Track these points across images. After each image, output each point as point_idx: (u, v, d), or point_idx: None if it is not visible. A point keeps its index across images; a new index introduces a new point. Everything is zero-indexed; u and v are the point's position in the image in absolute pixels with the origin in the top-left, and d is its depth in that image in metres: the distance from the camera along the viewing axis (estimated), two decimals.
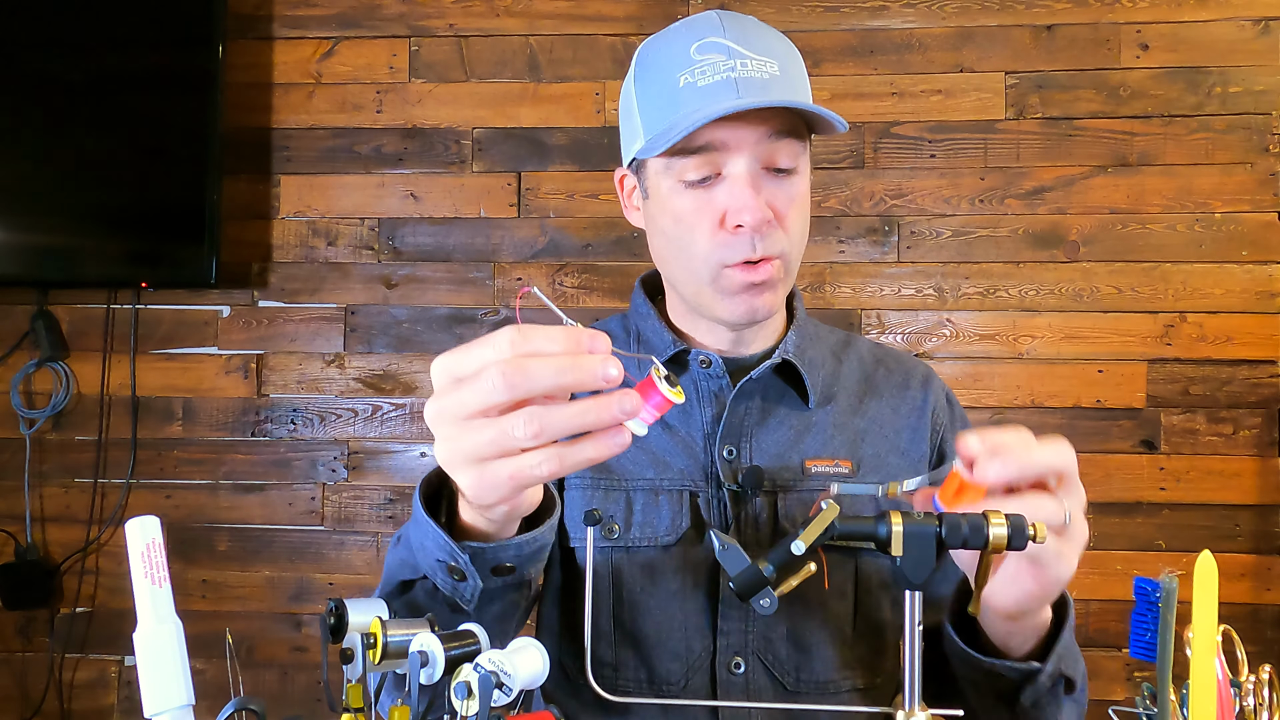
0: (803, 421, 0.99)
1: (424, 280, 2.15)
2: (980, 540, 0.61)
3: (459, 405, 0.58)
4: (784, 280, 0.94)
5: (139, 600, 0.57)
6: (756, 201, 0.88)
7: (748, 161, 0.89)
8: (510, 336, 0.57)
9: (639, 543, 0.96)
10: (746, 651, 0.94)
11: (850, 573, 0.96)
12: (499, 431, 0.57)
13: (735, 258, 0.90)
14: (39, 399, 2.17)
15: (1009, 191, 2.06)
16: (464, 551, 0.71)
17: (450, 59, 2.15)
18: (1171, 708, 0.58)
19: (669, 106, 0.88)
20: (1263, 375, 2.01)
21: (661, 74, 0.91)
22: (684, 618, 0.94)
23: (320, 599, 2.12)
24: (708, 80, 0.87)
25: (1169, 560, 1.99)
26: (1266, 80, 2.02)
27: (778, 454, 0.98)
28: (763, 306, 0.93)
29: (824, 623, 0.95)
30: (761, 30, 0.92)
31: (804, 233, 0.95)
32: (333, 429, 2.15)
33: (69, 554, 2.16)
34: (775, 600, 0.65)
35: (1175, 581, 0.59)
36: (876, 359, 1.08)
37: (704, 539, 0.95)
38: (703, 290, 0.94)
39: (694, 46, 0.89)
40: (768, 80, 0.88)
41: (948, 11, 2.08)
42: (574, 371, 0.56)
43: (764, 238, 0.89)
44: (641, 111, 0.93)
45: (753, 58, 0.88)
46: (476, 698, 0.57)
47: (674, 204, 0.92)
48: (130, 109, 2.08)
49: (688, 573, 0.95)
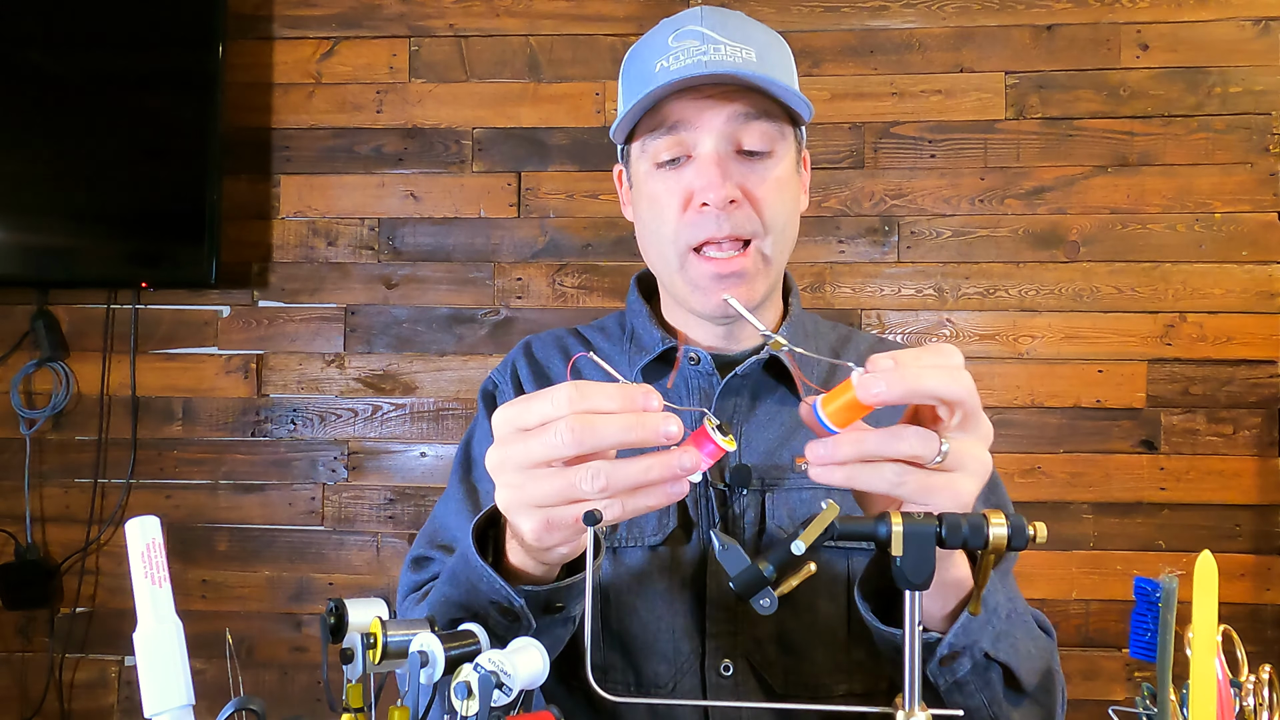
0: (794, 418, 0.98)
1: (424, 280, 2.15)
2: (980, 540, 0.61)
3: (525, 455, 0.63)
4: (762, 272, 0.93)
5: (139, 600, 0.57)
6: (720, 179, 0.88)
7: (715, 140, 0.90)
8: (569, 394, 0.61)
9: (626, 543, 0.95)
10: (735, 654, 0.92)
11: (841, 574, 0.94)
12: (566, 484, 0.62)
13: (699, 236, 0.90)
14: (39, 399, 2.17)
15: (1009, 191, 2.06)
16: (519, 595, 0.73)
17: (450, 59, 2.15)
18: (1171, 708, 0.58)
19: (643, 90, 0.90)
20: (1263, 375, 2.01)
21: (640, 64, 0.94)
22: (672, 619, 0.93)
23: (320, 599, 2.12)
24: (680, 64, 0.89)
25: (1169, 560, 1.99)
26: (1266, 80, 2.02)
27: (767, 451, 0.97)
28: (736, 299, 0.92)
29: (813, 625, 0.93)
30: (742, 22, 0.93)
31: (787, 220, 0.94)
32: (333, 429, 2.15)
33: (69, 554, 2.16)
34: (775, 600, 0.64)
35: (1175, 581, 0.59)
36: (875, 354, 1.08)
37: (690, 538, 0.94)
38: (675, 280, 0.95)
39: (671, 35, 0.92)
40: (739, 64, 0.88)
41: (948, 11, 2.08)
42: (638, 430, 0.60)
43: (730, 217, 0.89)
44: (624, 101, 0.96)
45: (727, 44, 0.89)
46: (476, 698, 0.57)
47: (648, 187, 0.94)
48: (130, 109, 2.08)
49: (675, 573, 0.94)
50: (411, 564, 0.99)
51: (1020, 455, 2.02)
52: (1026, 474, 2.03)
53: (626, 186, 1.02)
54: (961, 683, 0.77)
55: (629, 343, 1.05)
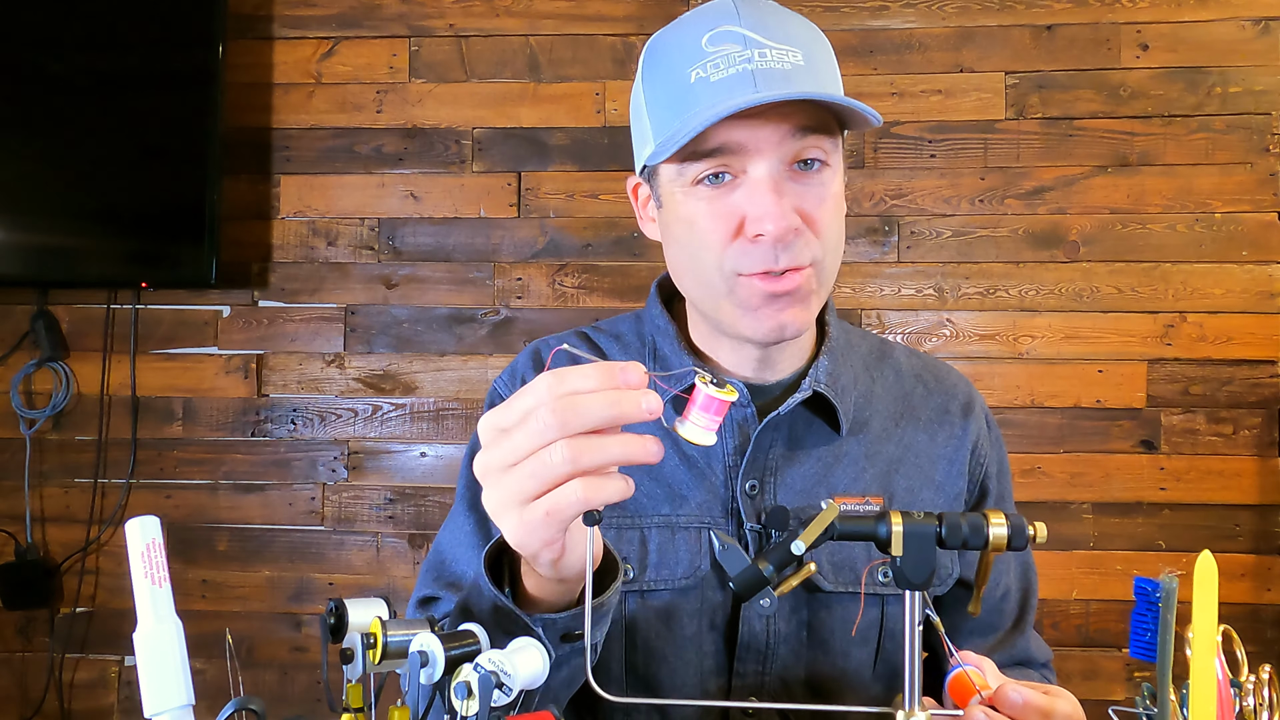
0: (832, 453, 0.92)
1: (424, 280, 2.15)
2: (980, 540, 0.61)
3: (511, 450, 0.60)
4: (817, 292, 0.84)
5: (139, 600, 0.57)
6: (780, 208, 0.78)
7: (769, 164, 0.79)
8: (548, 381, 0.59)
9: (655, 585, 0.89)
10: (762, 696, 0.90)
11: (875, 619, 0.91)
12: (539, 463, 0.59)
13: (753, 268, 0.81)
14: (39, 399, 2.17)
15: (1009, 191, 2.06)
16: (536, 624, 0.70)
17: (450, 59, 2.15)
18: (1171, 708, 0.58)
19: (680, 105, 0.80)
20: (1263, 375, 2.01)
21: (671, 70, 0.82)
22: (699, 661, 0.90)
23: (320, 599, 2.12)
24: (721, 74, 0.78)
25: (1169, 560, 1.99)
26: (1266, 80, 2.02)
27: (804, 490, 0.91)
28: (792, 323, 0.83)
29: (845, 671, 0.91)
30: (782, 15, 0.83)
31: (839, 236, 0.86)
32: (333, 429, 2.15)
33: (69, 554, 2.16)
34: (775, 600, 0.64)
35: (1175, 581, 0.58)
36: (915, 374, 1.00)
37: (718, 579, 0.90)
38: (721, 305, 0.85)
39: (706, 37, 0.80)
40: (789, 71, 0.78)
41: (948, 11, 2.08)
42: (620, 404, 0.58)
43: (788, 247, 0.80)
44: (651, 113, 0.84)
45: (773, 46, 0.79)
46: (476, 698, 0.57)
47: (687, 209, 0.83)
48: (130, 109, 2.08)
49: (704, 616, 0.90)
50: (418, 605, 0.94)
51: (1020, 455, 2.02)
52: (1026, 474, 2.03)
53: (648, 203, 0.91)
54: None
55: (653, 362, 0.96)
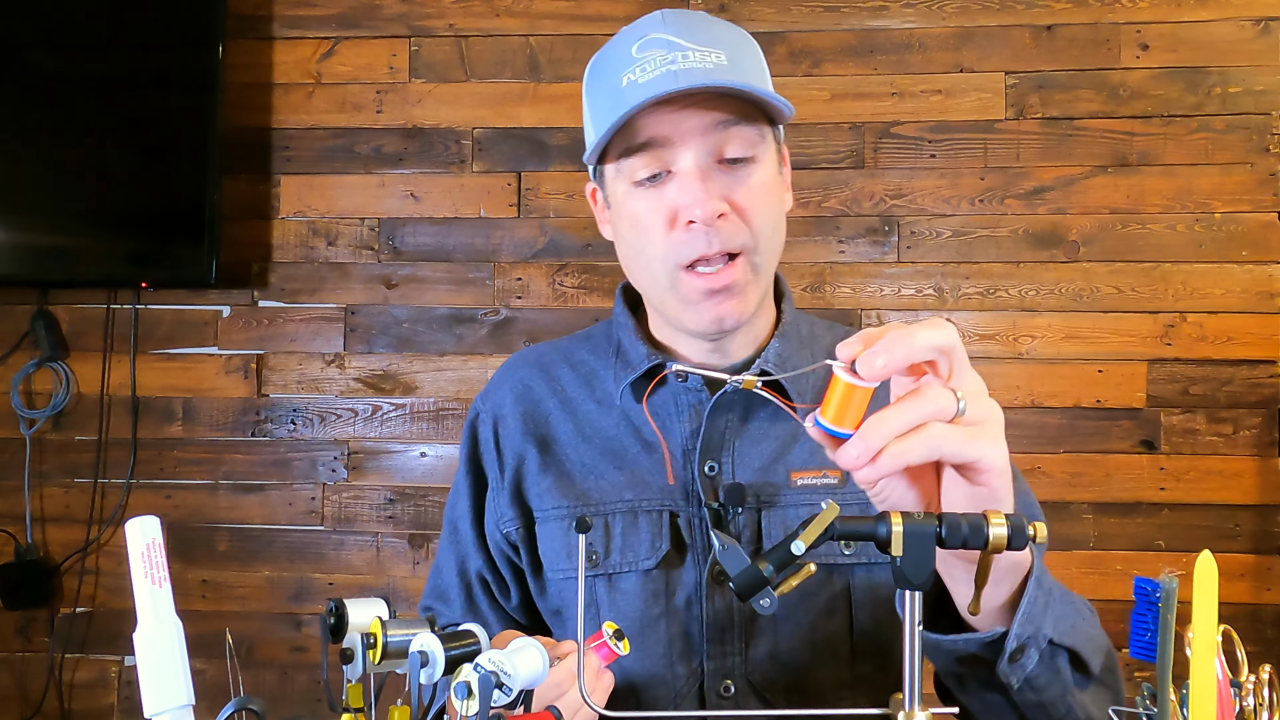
0: (788, 431, 0.95)
1: (424, 280, 2.15)
2: (980, 540, 0.61)
3: None
4: (753, 282, 0.90)
5: (139, 600, 0.57)
6: (705, 193, 0.85)
7: (695, 154, 0.86)
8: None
9: (620, 568, 0.93)
10: (735, 674, 0.91)
11: (841, 589, 0.92)
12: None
13: (690, 255, 0.87)
14: (39, 399, 2.17)
15: (1009, 191, 2.06)
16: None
17: (450, 59, 2.15)
18: (1171, 708, 0.58)
19: (614, 107, 0.85)
20: (1263, 375, 2.01)
21: (605, 77, 0.89)
22: (669, 642, 0.92)
23: (320, 599, 2.12)
24: (649, 75, 0.84)
25: (1169, 560, 1.99)
26: (1266, 80, 2.02)
27: (761, 467, 0.94)
28: (730, 314, 0.89)
29: (814, 643, 0.91)
30: (709, 23, 0.89)
31: (775, 226, 0.91)
32: (333, 429, 2.15)
33: (69, 554, 2.16)
34: (775, 600, 0.64)
35: (1175, 581, 0.58)
36: None
37: (684, 561, 0.93)
38: (667, 299, 0.92)
39: (635, 45, 0.87)
40: (711, 69, 0.84)
41: (948, 11, 2.08)
42: None
43: (719, 232, 0.86)
44: (593, 118, 0.91)
45: (695, 49, 0.85)
46: (476, 698, 0.57)
47: (629, 208, 0.90)
48: (130, 109, 2.08)
49: (670, 597, 0.92)
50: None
51: (1020, 455, 2.02)
52: (1026, 474, 2.01)
53: (603, 206, 0.98)
54: (1032, 678, 0.73)
55: (615, 357, 1.01)
